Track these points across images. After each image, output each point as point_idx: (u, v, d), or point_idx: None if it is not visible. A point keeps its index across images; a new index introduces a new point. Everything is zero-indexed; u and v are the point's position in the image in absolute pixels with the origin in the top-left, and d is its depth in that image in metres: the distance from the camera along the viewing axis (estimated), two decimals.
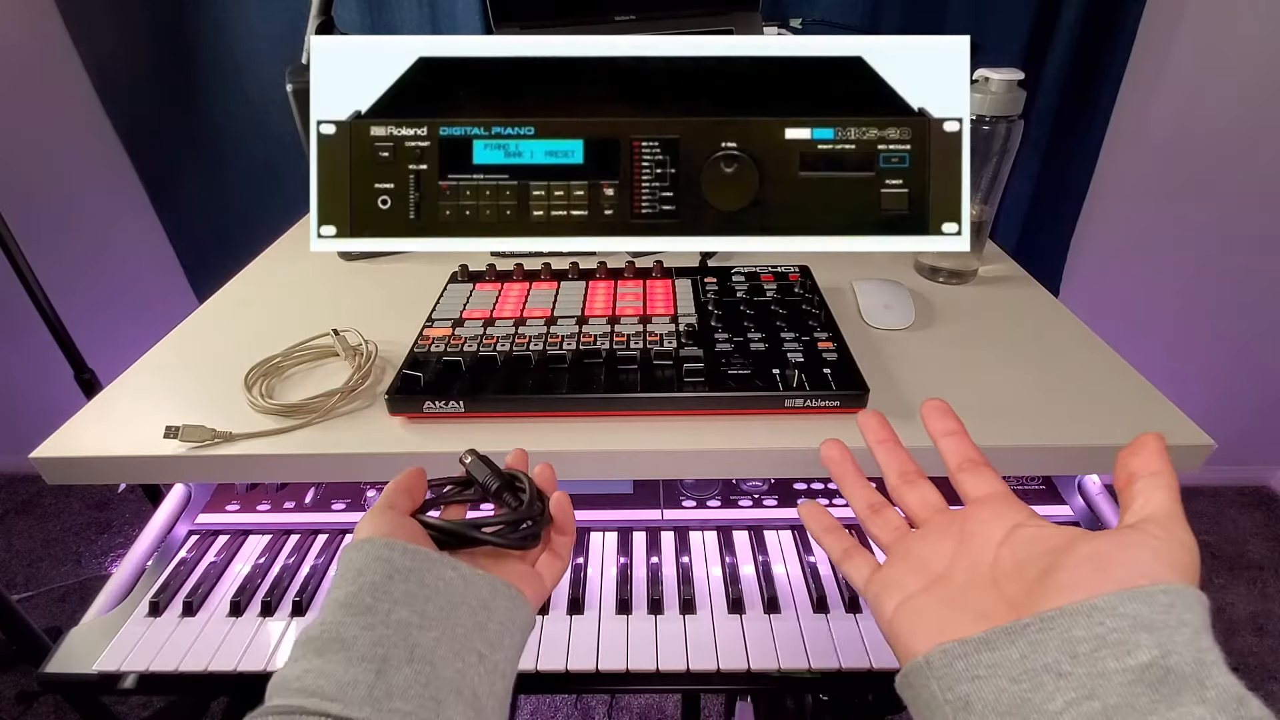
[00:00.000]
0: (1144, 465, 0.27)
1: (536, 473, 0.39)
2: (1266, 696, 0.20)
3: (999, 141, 0.66)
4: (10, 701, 1.25)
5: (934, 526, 0.30)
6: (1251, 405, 1.57)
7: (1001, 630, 0.23)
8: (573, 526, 0.39)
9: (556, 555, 0.38)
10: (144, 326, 0.77)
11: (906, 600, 0.28)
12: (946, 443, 0.33)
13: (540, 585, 0.36)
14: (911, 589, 0.28)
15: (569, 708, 1.27)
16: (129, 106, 1.18)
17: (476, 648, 0.29)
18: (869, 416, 0.35)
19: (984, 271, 0.75)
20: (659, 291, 0.65)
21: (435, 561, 0.31)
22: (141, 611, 0.56)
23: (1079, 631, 0.22)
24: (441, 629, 0.29)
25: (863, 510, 0.33)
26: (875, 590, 0.29)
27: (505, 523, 0.35)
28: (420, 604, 0.29)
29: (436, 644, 0.28)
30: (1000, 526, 0.28)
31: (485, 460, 0.38)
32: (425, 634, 0.28)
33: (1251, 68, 1.16)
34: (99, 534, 1.60)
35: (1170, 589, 0.22)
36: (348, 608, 0.28)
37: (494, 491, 0.37)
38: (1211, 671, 0.20)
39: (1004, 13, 1.02)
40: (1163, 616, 0.21)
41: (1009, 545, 0.27)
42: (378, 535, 0.31)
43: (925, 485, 0.33)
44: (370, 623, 0.28)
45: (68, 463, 0.50)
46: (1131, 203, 1.30)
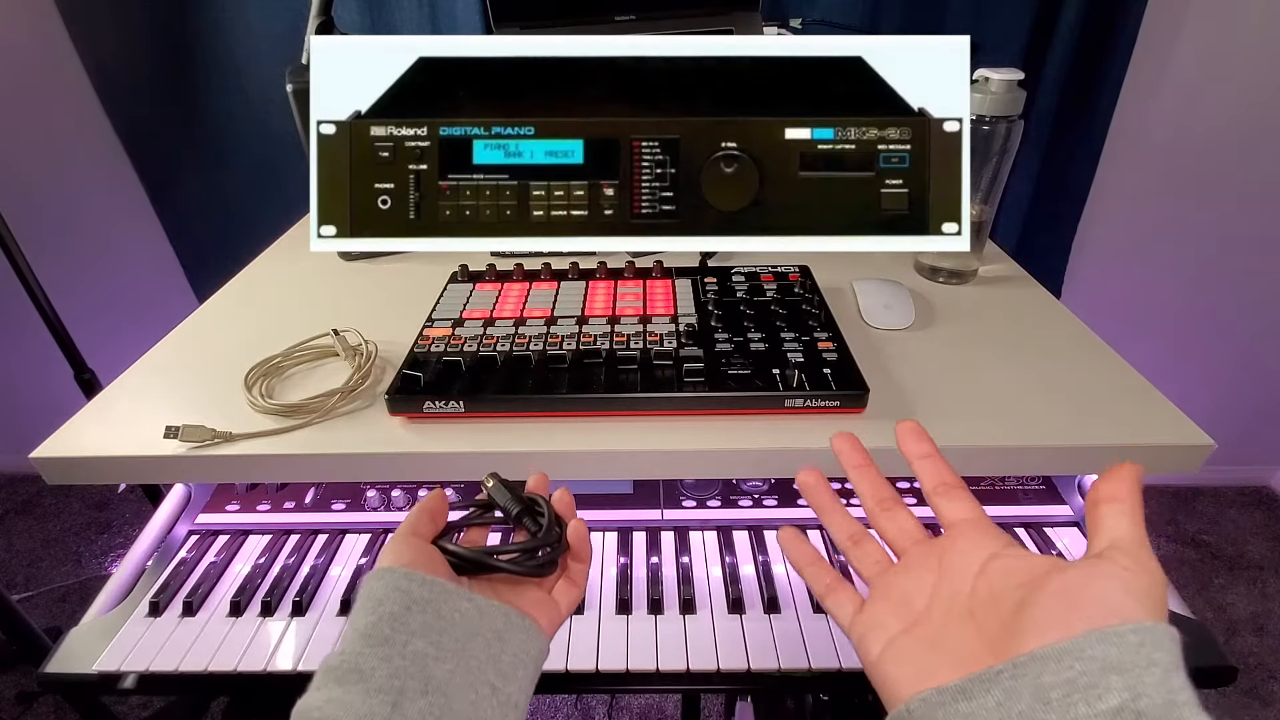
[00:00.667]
0: (1111, 491, 0.27)
1: (555, 498, 0.40)
2: (1266, 696, 0.20)
3: (999, 141, 0.66)
4: (10, 701, 1.25)
5: (913, 558, 0.31)
6: (1252, 405, 1.57)
7: (977, 678, 0.24)
8: (589, 554, 0.40)
9: (572, 582, 0.39)
10: (144, 326, 0.77)
11: (889, 644, 0.28)
12: (921, 465, 0.33)
13: (556, 612, 0.37)
14: (893, 630, 0.29)
15: (569, 708, 1.27)
16: (129, 106, 1.18)
17: (490, 680, 0.30)
18: (843, 440, 0.35)
19: (984, 271, 0.75)
20: (659, 291, 0.65)
21: (451, 593, 0.32)
22: (141, 612, 0.56)
23: (1049, 677, 0.22)
24: (456, 660, 0.30)
25: (843, 541, 0.33)
26: (859, 633, 0.30)
27: (522, 550, 0.36)
28: (436, 635, 0.30)
29: (451, 676, 0.29)
30: (977, 557, 0.28)
31: (506, 484, 0.39)
32: (441, 666, 0.29)
33: (1252, 68, 1.16)
34: (99, 534, 1.60)
35: (1140, 628, 0.22)
36: (367, 638, 0.29)
37: (514, 516, 0.38)
38: (1183, 713, 0.21)
39: (1004, 13, 1.02)
40: (1132, 657, 0.21)
41: (985, 577, 0.28)
42: (398, 564, 0.32)
43: (903, 513, 0.33)
44: (388, 654, 0.29)
45: (68, 463, 0.50)
46: (1132, 203, 1.30)
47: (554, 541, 0.37)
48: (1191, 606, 0.56)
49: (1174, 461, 0.51)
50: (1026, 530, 0.63)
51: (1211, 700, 1.18)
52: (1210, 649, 0.53)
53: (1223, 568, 1.53)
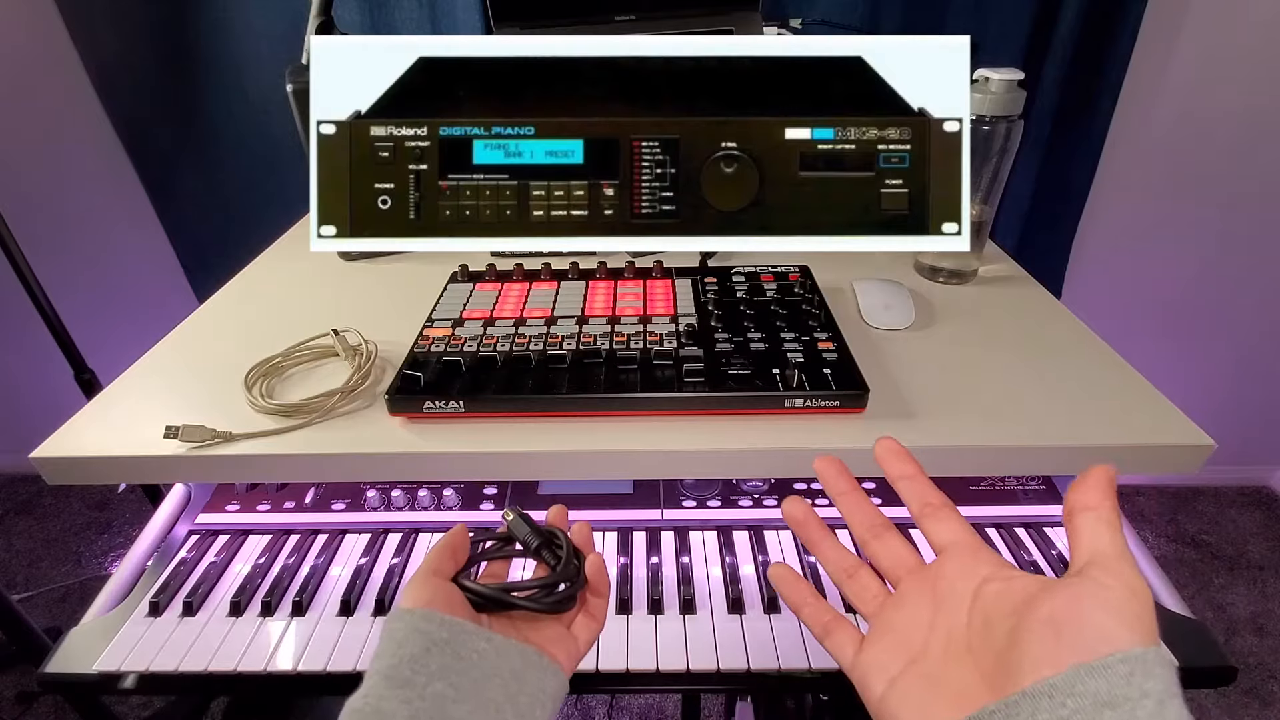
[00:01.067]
0: (1085, 500, 0.27)
1: (574, 531, 0.41)
2: (1266, 696, 0.20)
3: (999, 141, 0.66)
4: (10, 701, 1.25)
5: (908, 590, 0.31)
6: (1252, 405, 1.57)
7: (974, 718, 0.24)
8: (608, 588, 0.40)
9: (592, 617, 0.39)
10: (144, 326, 0.77)
11: (891, 685, 0.28)
12: (904, 486, 0.33)
13: (574, 647, 0.37)
14: (894, 670, 0.29)
15: (569, 708, 1.27)
16: (129, 106, 1.18)
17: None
18: (826, 464, 0.35)
19: (984, 271, 0.75)
20: (659, 291, 0.65)
21: (470, 634, 0.33)
22: (141, 612, 0.56)
23: (1043, 715, 0.22)
24: (474, 702, 0.30)
25: (837, 574, 0.33)
26: (860, 674, 0.30)
27: (540, 586, 0.37)
28: (455, 676, 0.31)
29: (469, 717, 0.30)
30: (969, 584, 0.28)
31: (525, 518, 0.40)
32: (459, 708, 0.30)
33: (1252, 68, 1.16)
34: (99, 534, 1.61)
35: (1129, 657, 0.22)
36: (389, 680, 0.30)
37: (534, 549, 0.39)
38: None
39: (1004, 13, 1.02)
40: (1123, 689, 0.21)
41: (979, 605, 0.28)
42: (419, 604, 0.33)
43: (894, 538, 0.33)
44: (409, 696, 0.29)
45: (68, 463, 0.50)
46: (1132, 203, 1.30)
47: (572, 576, 0.38)
48: (1191, 606, 0.56)
49: (1174, 462, 0.51)
50: (1026, 530, 0.63)
51: (1211, 700, 1.19)
52: (1210, 649, 0.52)
53: (1223, 568, 1.53)
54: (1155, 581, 0.59)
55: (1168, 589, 0.58)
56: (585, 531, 0.41)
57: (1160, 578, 0.59)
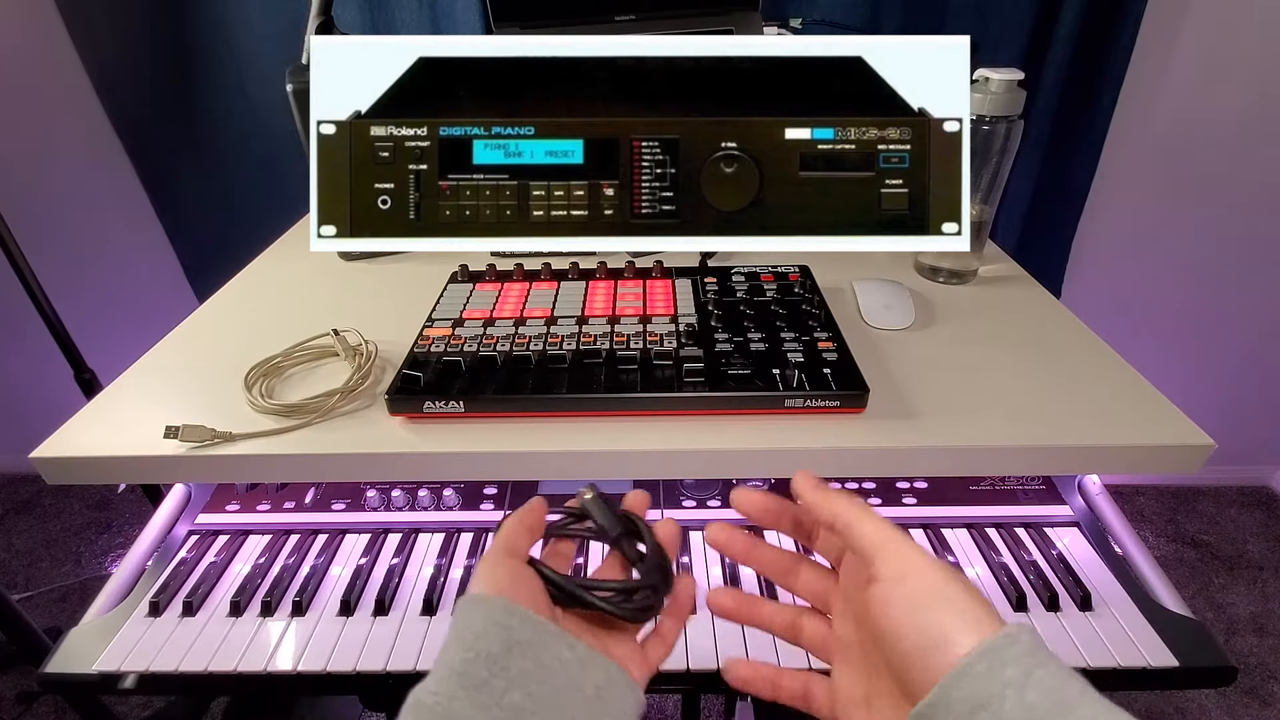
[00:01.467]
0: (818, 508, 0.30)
1: (659, 528, 0.36)
2: (1266, 696, 0.20)
3: (999, 141, 0.66)
4: (10, 701, 1.25)
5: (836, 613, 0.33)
6: (1252, 405, 1.57)
7: None
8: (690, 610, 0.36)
9: (662, 639, 0.35)
10: (144, 326, 0.77)
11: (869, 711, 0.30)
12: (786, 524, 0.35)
13: (645, 667, 0.33)
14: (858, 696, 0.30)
15: None
16: (129, 106, 1.18)
17: None
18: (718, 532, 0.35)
19: (984, 271, 0.75)
20: (659, 291, 0.65)
21: (553, 637, 0.29)
22: (141, 612, 0.56)
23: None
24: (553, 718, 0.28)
25: (785, 633, 0.34)
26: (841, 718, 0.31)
27: (621, 590, 0.33)
28: (535, 685, 0.28)
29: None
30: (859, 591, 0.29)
31: (605, 500, 0.36)
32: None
33: (1252, 68, 1.16)
34: (99, 534, 1.60)
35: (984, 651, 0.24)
36: (463, 677, 0.27)
37: (613, 538, 0.35)
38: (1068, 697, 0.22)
39: (1004, 13, 1.02)
40: (986, 686, 0.23)
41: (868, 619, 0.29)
42: (497, 590, 0.30)
43: (806, 568, 0.35)
44: (484, 703, 0.27)
45: (68, 463, 0.50)
46: (1132, 203, 1.30)
47: (657, 583, 0.33)
48: (1191, 606, 0.56)
49: (1174, 461, 0.51)
50: (1026, 530, 0.63)
51: (1211, 700, 1.19)
52: (1210, 649, 0.52)
53: (1223, 568, 1.53)
54: (1155, 581, 0.59)
55: (1168, 589, 0.58)
56: (672, 530, 0.36)
57: (1160, 578, 0.59)
